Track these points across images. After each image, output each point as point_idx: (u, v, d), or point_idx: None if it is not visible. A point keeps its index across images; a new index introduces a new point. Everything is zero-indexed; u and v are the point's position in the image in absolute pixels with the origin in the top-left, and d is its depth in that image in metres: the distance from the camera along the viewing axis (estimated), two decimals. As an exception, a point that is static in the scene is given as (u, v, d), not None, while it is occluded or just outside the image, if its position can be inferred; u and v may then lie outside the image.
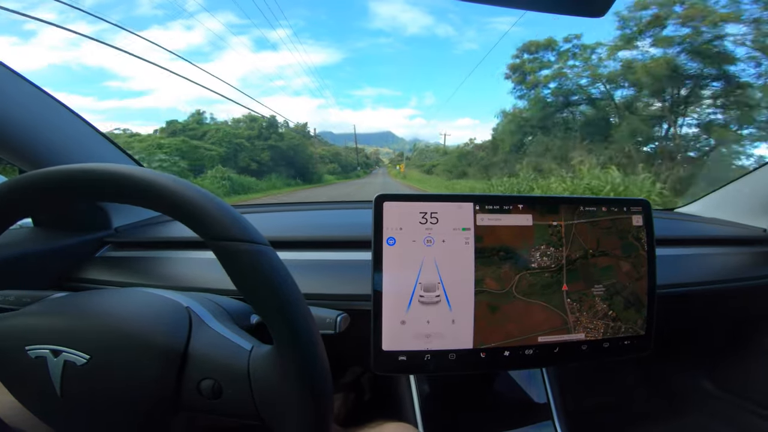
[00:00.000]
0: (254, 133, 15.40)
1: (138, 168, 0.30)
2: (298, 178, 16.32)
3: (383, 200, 0.49)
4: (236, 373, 0.31)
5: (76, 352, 0.32)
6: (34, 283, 0.52)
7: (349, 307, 0.50)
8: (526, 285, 0.51)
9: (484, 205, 0.51)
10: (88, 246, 0.69)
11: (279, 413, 0.31)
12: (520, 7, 0.39)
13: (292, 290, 0.30)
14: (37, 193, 0.31)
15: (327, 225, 0.77)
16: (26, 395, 0.35)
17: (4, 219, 0.33)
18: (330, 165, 24.72)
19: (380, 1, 62.87)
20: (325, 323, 0.42)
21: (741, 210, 0.89)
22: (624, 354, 0.55)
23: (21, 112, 0.59)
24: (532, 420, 0.64)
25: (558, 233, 0.53)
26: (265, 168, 14.40)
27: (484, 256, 0.50)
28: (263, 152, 14.79)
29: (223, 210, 0.30)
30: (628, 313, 0.55)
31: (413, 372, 0.59)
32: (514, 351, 0.51)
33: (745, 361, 0.90)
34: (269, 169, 14.60)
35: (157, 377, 0.32)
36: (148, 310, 0.36)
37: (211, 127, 14.34)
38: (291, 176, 15.88)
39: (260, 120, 16.21)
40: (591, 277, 0.53)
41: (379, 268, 0.49)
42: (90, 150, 0.71)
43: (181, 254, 0.67)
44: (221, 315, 0.39)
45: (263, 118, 16.33)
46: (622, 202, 0.56)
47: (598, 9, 0.38)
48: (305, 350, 0.30)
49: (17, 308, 0.38)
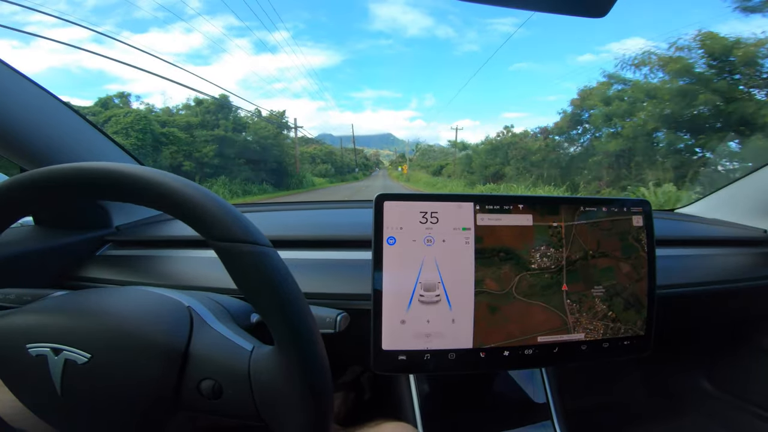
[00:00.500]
0: (196, 120, 10.93)
1: (139, 167, 0.30)
2: (269, 182, 12.25)
3: (384, 200, 0.49)
4: (237, 374, 0.31)
5: (76, 350, 0.32)
6: (34, 282, 0.52)
7: (349, 306, 0.50)
8: (526, 286, 0.51)
9: (485, 204, 0.51)
10: (89, 244, 0.69)
11: (279, 413, 0.31)
12: (521, 7, 0.39)
13: (293, 291, 0.30)
14: (37, 191, 0.31)
15: (327, 224, 0.77)
16: (27, 394, 0.35)
17: (4, 217, 0.33)
18: (322, 166, 21.16)
19: (380, 3, 62.83)
20: (325, 322, 0.42)
21: (741, 211, 0.89)
22: (624, 354, 0.55)
23: (22, 110, 0.59)
24: (532, 420, 0.64)
25: (558, 234, 0.53)
26: (209, 168, 10.62)
27: (484, 257, 0.50)
28: (205, 146, 10.58)
29: (225, 210, 0.30)
30: (628, 314, 0.55)
31: (413, 371, 0.59)
32: (514, 351, 0.51)
33: (744, 362, 0.90)
34: (216, 169, 10.73)
35: (158, 377, 0.32)
36: (150, 309, 0.36)
37: (118, 112, 9.98)
38: (259, 180, 11.79)
39: (207, 103, 11.48)
40: (591, 278, 0.53)
41: (379, 268, 0.49)
42: (91, 148, 0.71)
43: (182, 253, 0.67)
44: (222, 315, 0.39)
45: (212, 100, 11.56)
46: (623, 203, 0.56)
47: (600, 9, 0.38)
48: (305, 349, 0.30)
49: (18, 306, 0.38)
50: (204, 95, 11.86)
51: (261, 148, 12.28)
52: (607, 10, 0.38)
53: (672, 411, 0.99)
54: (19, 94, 0.59)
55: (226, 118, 11.62)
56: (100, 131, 0.73)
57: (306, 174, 16.81)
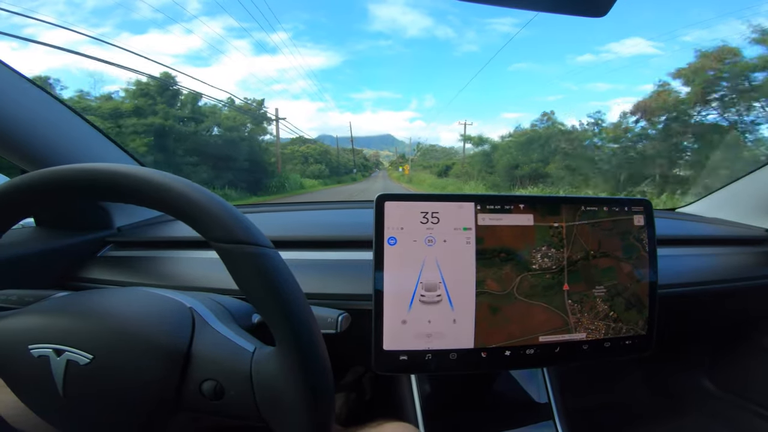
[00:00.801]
0: (128, 107, 8.37)
1: (139, 167, 0.30)
2: (239, 185, 9.73)
3: (384, 200, 0.49)
4: (239, 374, 0.31)
5: (78, 351, 0.32)
6: (36, 283, 0.52)
7: (351, 306, 0.50)
8: (527, 286, 0.51)
9: (485, 204, 0.51)
10: (91, 245, 0.69)
11: (281, 414, 0.31)
12: (521, 7, 0.39)
13: (294, 292, 0.30)
14: (38, 193, 0.31)
15: (328, 225, 0.77)
16: (29, 394, 0.35)
17: (6, 219, 0.34)
18: (315, 166, 18.80)
19: (380, 4, 62.57)
20: (327, 323, 0.42)
21: (743, 210, 0.89)
22: (625, 354, 0.55)
23: (23, 111, 0.59)
24: (533, 420, 0.64)
25: (559, 234, 0.53)
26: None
27: (485, 258, 0.50)
28: (135, 139, 8.24)
29: (226, 211, 0.30)
30: (630, 314, 0.55)
31: (414, 371, 0.59)
32: (515, 351, 0.51)
33: (745, 361, 0.90)
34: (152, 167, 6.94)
35: (160, 377, 0.32)
36: (151, 310, 0.36)
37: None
38: (222, 183, 9.42)
39: (143, 85, 8.77)
40: (592, 278, 0.53)
41: (380, 268, 0.49)
42: (92, 149, 0.71)
43: (183, 254, 0.67)
44: (224, 315, 0.39)
45: (151, 83, 8.83)
46: (624, 202, 0.56)
47: (600, 9, 0.38)
48: (307, 350, 0.30)
49: (20, 308, 0.38)
50: (155, 78, 9.00)
51: (227, 144, 9.64)
52: (607, 10, 0.38)
53: (673, 410, 0.98)
54: (20, 95, 0.59)
55: (170, 104, 8.92)
56: (101, 132, 0.74)
57: (290, 175, 14.14)
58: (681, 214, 0.99)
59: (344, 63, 63.17)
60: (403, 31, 67.44)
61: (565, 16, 0.41)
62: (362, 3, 67.12)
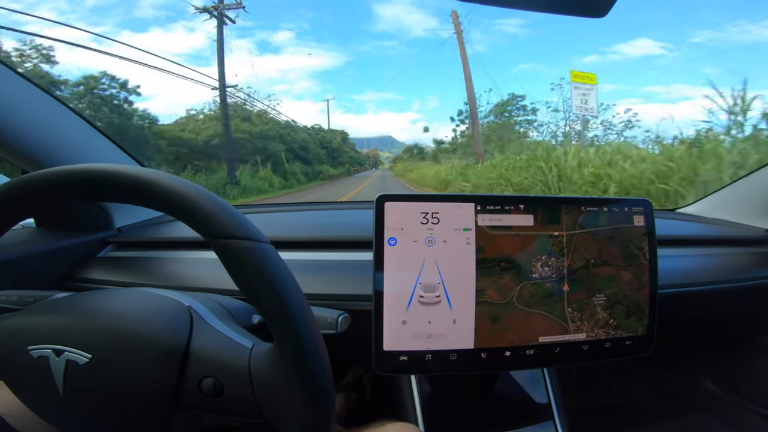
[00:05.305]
0: None
1: (138, 168, 0.31)
2: None
3: (384, 200, 0.49)
4: (237, 371, 0.31)
5: (78, 351, 0.32)
6: (36, 284, 0.52)
7: (350, 307, 0.50)
8: (527, 295, 0.51)
9: (485, 205, 0.51)
10: (91, 246, 0.69)
11: (280, 411, 0.31)
12: (522, 8, 0.39)
13: (293, 288, 0.30)
14: (38, 193, 0.31)
15: (328, 225, 0.77)
16: (28, 395, 0.35)
17: (6, 219, 0.34)
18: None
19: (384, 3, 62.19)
20: (327, 323, 0.42)
21: (743, 210, 0.89)
22: (625, 354, 0.55)
23: (22, 111, 0.59)
24: (533, 420, 0.64)
25: (559, 243, 0.52)
26: None
27: (485, 267, 0.50)
28: None
29: (222, 207, 0.30)
30: (630, 321, 0.54)
31: (414, 372, 0.59)
32: (515, 351, 0.51)
33: (746, 362, 0.90)
34: None
35: (159, 376, 0.32)
36: (150, 309, 0.36)
37: None
38: None
39: None
40: (592, 286, 0.53)
41: (380, 268, 0.49)
42: (91, 149, 0.71)
43: (183, 254, 0.67)
44: (222, 314, 0.39)
45: None
46: (623, 202, 0.56)
47: (600, 9, 0.38)
48: (306, 349, 0.30)
49: (20, 308, 0.38)
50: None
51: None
52: (607, 11, 0.38)
53: (674, 411, 0.98)
54: (19, 95, 0.59)
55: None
56: (100, 132, 0.74)
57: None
58: (681, 215, 0.98)
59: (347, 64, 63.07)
60: (408, 31, 67.17)
61: (568, 17, 0.41)
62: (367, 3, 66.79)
